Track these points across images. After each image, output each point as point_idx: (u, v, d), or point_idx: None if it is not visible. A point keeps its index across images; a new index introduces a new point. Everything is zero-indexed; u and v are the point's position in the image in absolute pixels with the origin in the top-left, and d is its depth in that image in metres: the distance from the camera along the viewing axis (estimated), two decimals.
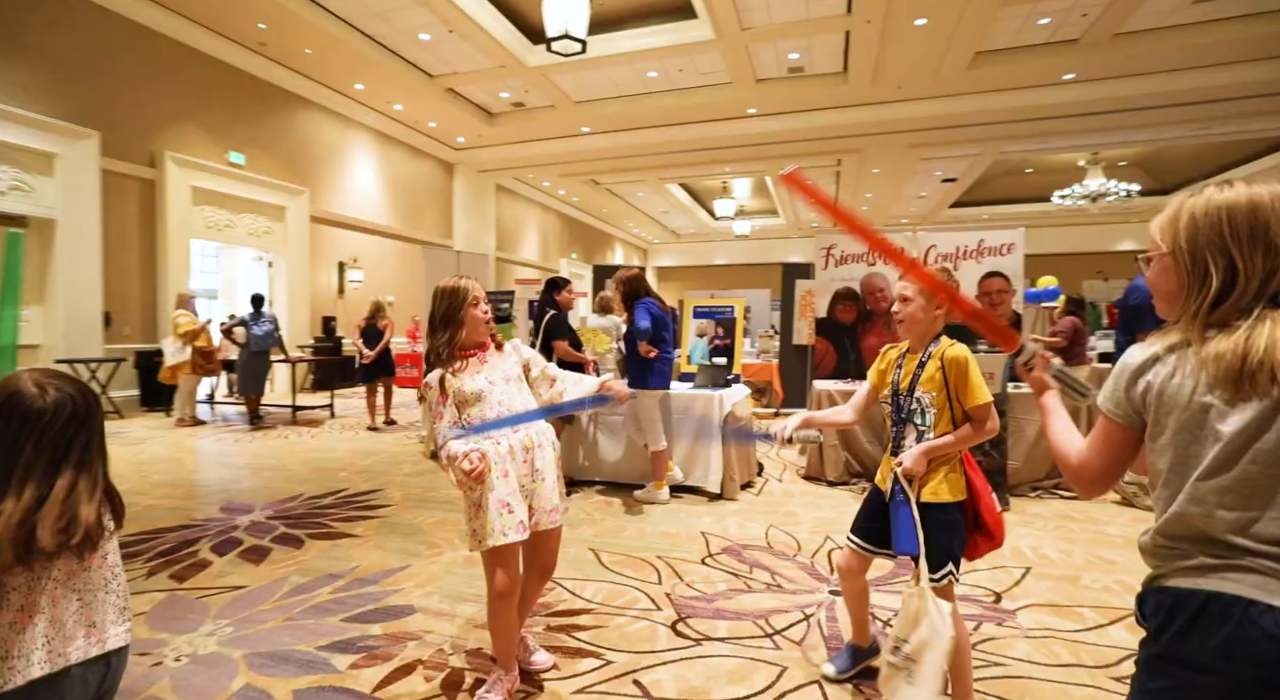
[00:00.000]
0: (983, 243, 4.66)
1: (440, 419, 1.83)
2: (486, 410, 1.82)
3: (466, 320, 1.86)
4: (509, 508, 1.77)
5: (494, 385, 1.85)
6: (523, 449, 1.85)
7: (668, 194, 16.42)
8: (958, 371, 1.73)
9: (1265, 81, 8.61)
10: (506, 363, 1.92)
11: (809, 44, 8.71)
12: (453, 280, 1.91)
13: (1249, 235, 0.88)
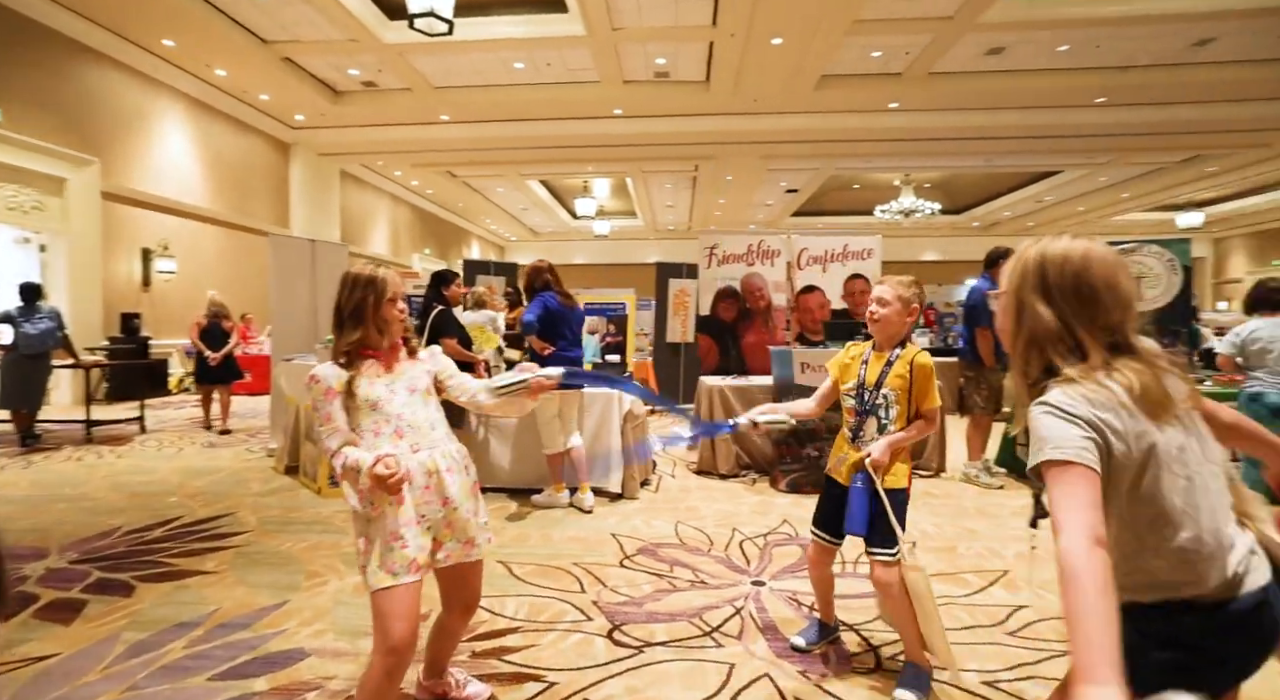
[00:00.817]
0: (847, 247, 5.10)
1: (326, 421, 1.54)
2: (380, 423, 1.57)
3: (383, 318, 1.62)
4: (401, 542, 1.49)
5: (394, 395, 1.60)
6: (425, 473, 1.57)
7: (528, 190, 16.06)
8: (923, 376, 1.90)
9: (1035, 125, 10.40)
10: (414, 371, 1.68)
11: (676, 50, 8.96)
12: (368, 269, 1.65)
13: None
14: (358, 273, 1.65)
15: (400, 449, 1.55)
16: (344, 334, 1.61)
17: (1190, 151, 11.69)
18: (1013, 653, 2.06)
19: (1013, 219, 17.62)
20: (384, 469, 1.41)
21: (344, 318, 1.62)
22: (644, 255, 20.70)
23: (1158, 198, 14.73)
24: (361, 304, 1.61)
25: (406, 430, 1.59)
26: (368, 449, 1.53)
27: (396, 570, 1.47)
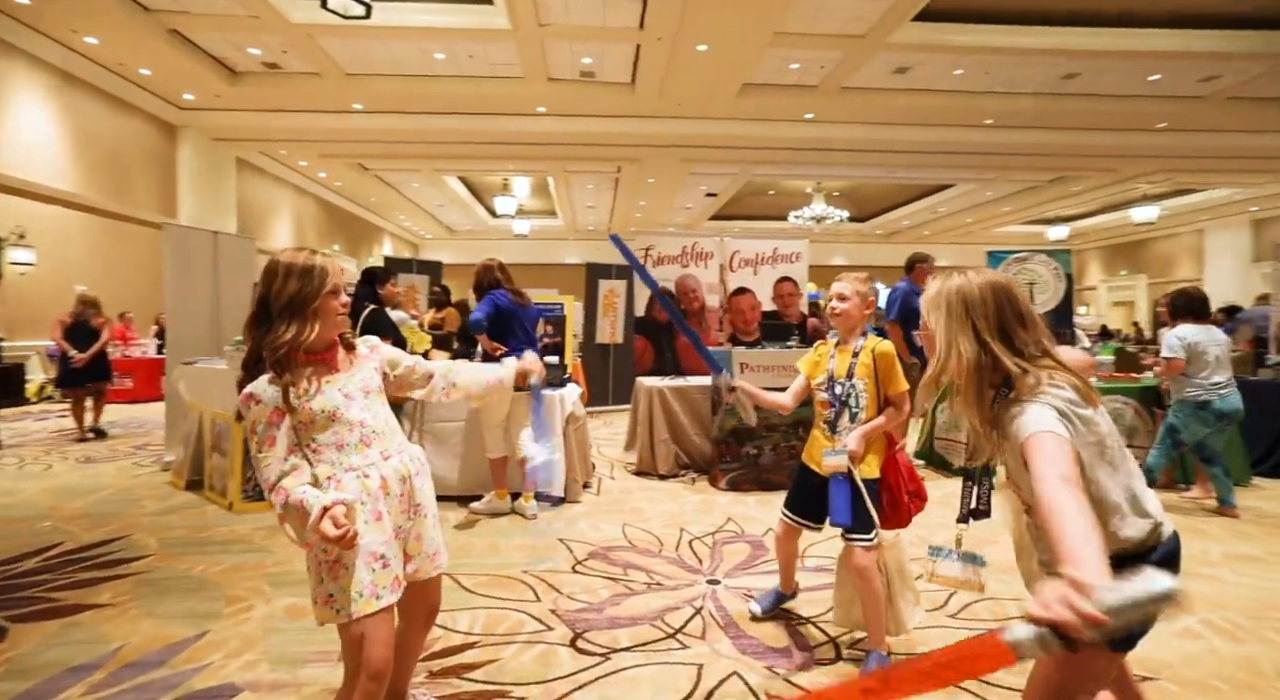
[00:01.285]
0: (777, 251, 5.28)
1: (268, 447, 1.32)
2: (344, 435, 1.39)
3: (322, 313, 1.40)
4: (383, 561, 1.36)
5: (351, 400, 1.42)
6: (399, 480, 1.44)
7: (445, 187, 15.51)
8: (886, 363, 2.03)
9: (933, 141, 11.20)
10: (363, 370, 1.49)
11: (603, 51, 8.93)
12: (302, 255, 1.43)
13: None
14: (291, 260, 1.41)
15: (370, 458, 1.41)
16: (274, 332, 1.36)
17: (1058, 172, 13.01)
18: (957, 634, 2.20)
19: (911, 228, 18.91)
20: (332, 528, 1.21)
21: (274, 313, 1.37)
22: (564, 255, 20.51)
23: (1031, 212, 16.30)
24: (298, 296, 1.38)
25: (373, 437, 1.43)
26: (330, 465, 1.36)
27: (380, 593, 1.34)
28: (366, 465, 1.40)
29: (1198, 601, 2.48)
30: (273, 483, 1.30)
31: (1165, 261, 17.83)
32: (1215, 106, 9.65)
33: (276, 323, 1.37)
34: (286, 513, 1.29)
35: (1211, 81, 8.95)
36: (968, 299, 1.21)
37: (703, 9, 7.37)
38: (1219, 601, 2.49)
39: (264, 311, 1.39)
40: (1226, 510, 3.66)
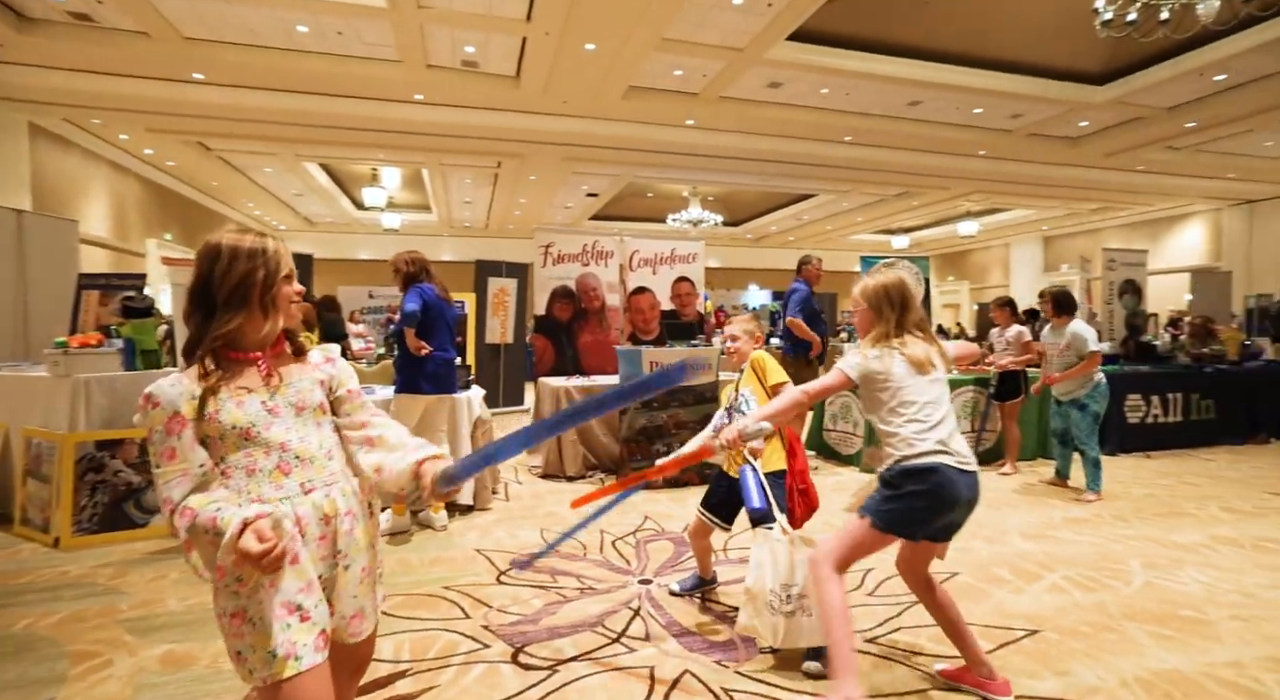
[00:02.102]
0: (674, 251, 5.39)
1: (167, 460, 1.08)
2: (257, 457, 1.14)
3: (276, 303, 1.20)
4: (301, 613, 1.10)
5: (274, 417, 1.16)
6: (319, 520, 1.17)
7: (304, 174, 14.13)
8: (758, 364, 2.39)
9: (800, 153, 12.04)
10: (303, 381, 1.23)
11: (487, 40, 8.61)
12: (249, 236, 1.20)
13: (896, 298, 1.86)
14: (237, 241, 1.18)
15: (286, 490, 1.14)
16: (218, 322, 1.14)
17: (902, 188, 14.53)
18: (879, 611, 2.37)
19: (778, 233, 20.21)
20: (255, 542, 1.00)
21: (218, 300, 1.15)
22: (436, 252, 19.52)
23: (880, 223, 18.10)
24: (247, 280, 1.16)
25: (294, 464, 1.16)
26: (238, 493, 1.11)
27: (300, 652, 1.08)
28: (280, 498, 1.13)
29: (1056, 561, 2.87)
30: (175, 502, 1.06)
31: (981, 270, 20.61)
32: (1020, 140, 11.28)
33: (221, 312, 1.15)
34: (193, 537, 1.05)
35: (1018, 118, 10.45)
36: (890, 290, 1.85)
37: (592, 7, 7.34)
38: (1069, 559, 2.91)
39: (202, 298, 1.16)
40: (1061, 481, 4.29)
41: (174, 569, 2.83)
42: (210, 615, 2.24)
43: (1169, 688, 1.84)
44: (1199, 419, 5.52)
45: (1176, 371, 5.62)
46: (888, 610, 2.37)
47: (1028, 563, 2.85)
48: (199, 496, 1.08)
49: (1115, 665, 1.97)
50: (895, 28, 8.58)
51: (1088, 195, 14.53)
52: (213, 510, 1.05)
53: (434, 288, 3.27)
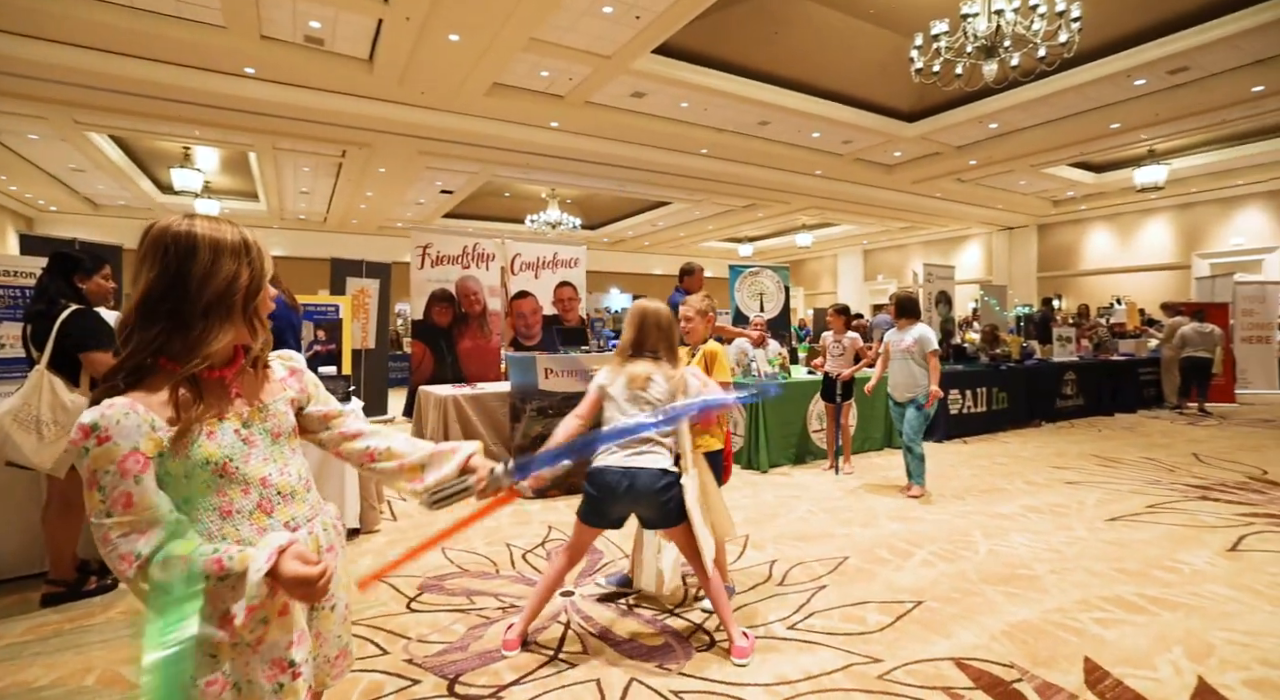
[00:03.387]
0: (557, 255, 5.34)
1: (123, 509, 0.86)
2: (235, 498, 0.96)
3: (259, 310, 1.02)
4: (293, 671, 0.97)
5: (251, 448, 0.99)
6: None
7: (87, 145, 11.86)
8: (710, 358, 2.57)
9: (658, 162, 12.49)
10: (274, 403, 1.06)
11: (336, 17, 7.88)
12: (225, 227, 0.99)
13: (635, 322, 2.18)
14: (215, 232, 0.97)
15: (273, 529, 0.98)
16: (204, 335, 0.94)
17: (749, 200, 15.68)
18: (791, 599, 2.56)
19: (634, 238, 20.75)
20: (300, 565, 0.88)
21: (194, 308, 0.93)
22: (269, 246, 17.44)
23: (728, 231, 19.35)
24: (234, 285, 0.96)
25: (276, 501, 1.00)
26: (208, 538, 0.93)
27: None
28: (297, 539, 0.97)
29: (921, 539, 3.31)
30: (145, 557, 0.85)
31: (814, 278, 22.87)
32: (848, 163, 12.72)
33: (201, 322, 0.94)
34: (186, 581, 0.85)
35: (848, 144, 11.78)
36: (649, 314, 2.15)
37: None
38: (930, 536, 3.36)
39: (164, 303, 0.93)
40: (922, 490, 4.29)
41: None
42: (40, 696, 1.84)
43: (1024, 636, 2.23)
44: (997, 409, 6.65)
45: (981, 370, 6.71)
46: (800, 597, 2.57)
47: (899, 542, 3.25)
48: (180, 543, 0.87)
49: (984, 623, 2.33)
50: (750, 53, 9.25)
51: (899, 215, 16.75)
52: (209, 553, 0.87)
53: (282, 296, 2.93)
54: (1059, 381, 7.27)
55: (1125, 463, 5.01)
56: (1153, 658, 2.07)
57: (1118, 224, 15.64)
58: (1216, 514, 3.63)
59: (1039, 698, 1.85)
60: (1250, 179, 12.96)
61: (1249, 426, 6.66)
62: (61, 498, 2.53)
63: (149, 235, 0.95)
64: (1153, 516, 3.61)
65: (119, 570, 0.87)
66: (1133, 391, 7.99)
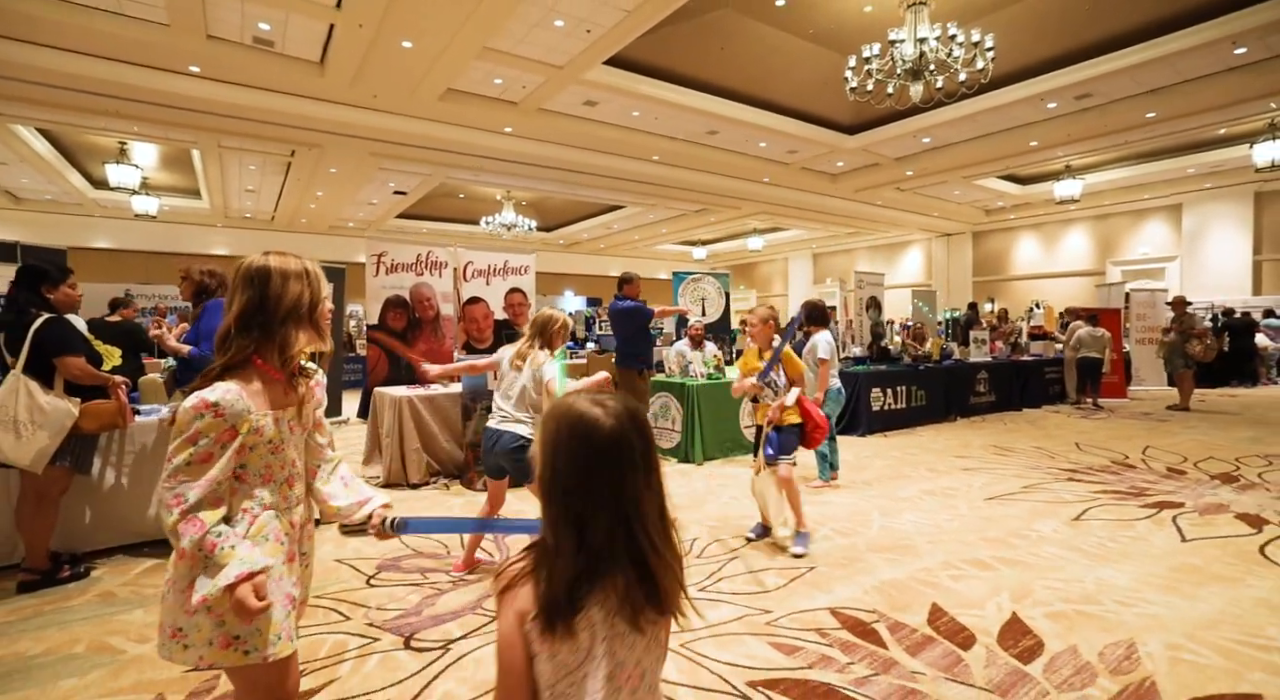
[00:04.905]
0: (507, 263, 5.64)
1: (200, 463, 1.15)
2: (275, 470, 1.29)
3: (320, 320, 1.35)
4: (294, 603, 1.30)
5: (291, 436, 1.33)
6: (302, 525, 1.39)
7: (11, 138, 11.46)
8: (788, 360, 3.32)
9: (611, 167, 12.81)
10: (309, 404, 1.40)
11: (286, 20, 7.95)
12: (290, 259, 1.33)
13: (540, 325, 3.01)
14: (282, 264, 1.31)
15: (291, 499, 1.33)
16: (285, 339, 1.28)
17: (701, 205, 16.17)
18: (705, 568, 2.96)
19: (589, 240, 21.03)
20: (251, 598, 1.12)
21: (277, 319, 1.28)
22: (207, 244, 17.07)
23: (682, 235, 19.84)
24: (301, 301, 1.30)
25: (296, 478, 1.34)
26: (250, 498, 1.25)
27: (294, 635, 1.28)
28: (287, 507, 1.32)
29: (826, 519, 3.77)
30: (188, 507, 1.13)
31: (767, 281, 23.60)
32: (795, 172, 13.33)
33: (283, 330, 1.28)
34: (189, 552, 1.14)
35: (793, 154, 12.38)
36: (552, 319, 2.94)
37: (412, 6, 7.22)
38: (834, 517, 3.83)
39: (256, 318, 1.27)
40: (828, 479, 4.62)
41: None
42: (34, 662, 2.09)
43: (890, 590, 2.69)
44: (916, 405, 7.26)
45: (902, 370, 7.30)
46: (712, 566, 2.98)
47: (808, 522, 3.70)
48: (210, 512, 1.17)
49: (861, 581, 2.78)
50: (699, 66, 9.69)
51: (844, 221, 17.52)
52: (215, 536, 1.15)
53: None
54: (973, 380, 7.96)
55: (1017, 451, 5.65)
56: (985, 601, 2.56)
57: (1042, 233, 16.76)
58: (1074, 492, 4.23)
59: (890, 633, 2.30)
60: (1155, 193, 14.18)
61: (1131, 419, 7.47)
62: (35, 493, 2.73)
63: (240, 270, 1.32)
64: (1025, 495, 4.18)
65: (167, 504, 1.15)
66: (1039, 388, 8.79)
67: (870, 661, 2.11)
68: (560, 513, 0.85)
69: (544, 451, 0.88)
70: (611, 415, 0.87)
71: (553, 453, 0.86)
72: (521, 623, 0.83)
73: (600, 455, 0.84)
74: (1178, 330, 8.13)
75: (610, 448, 0.85)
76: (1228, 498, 4.03)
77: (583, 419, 0.86)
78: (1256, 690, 1.94)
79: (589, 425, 0.85)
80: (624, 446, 0.86)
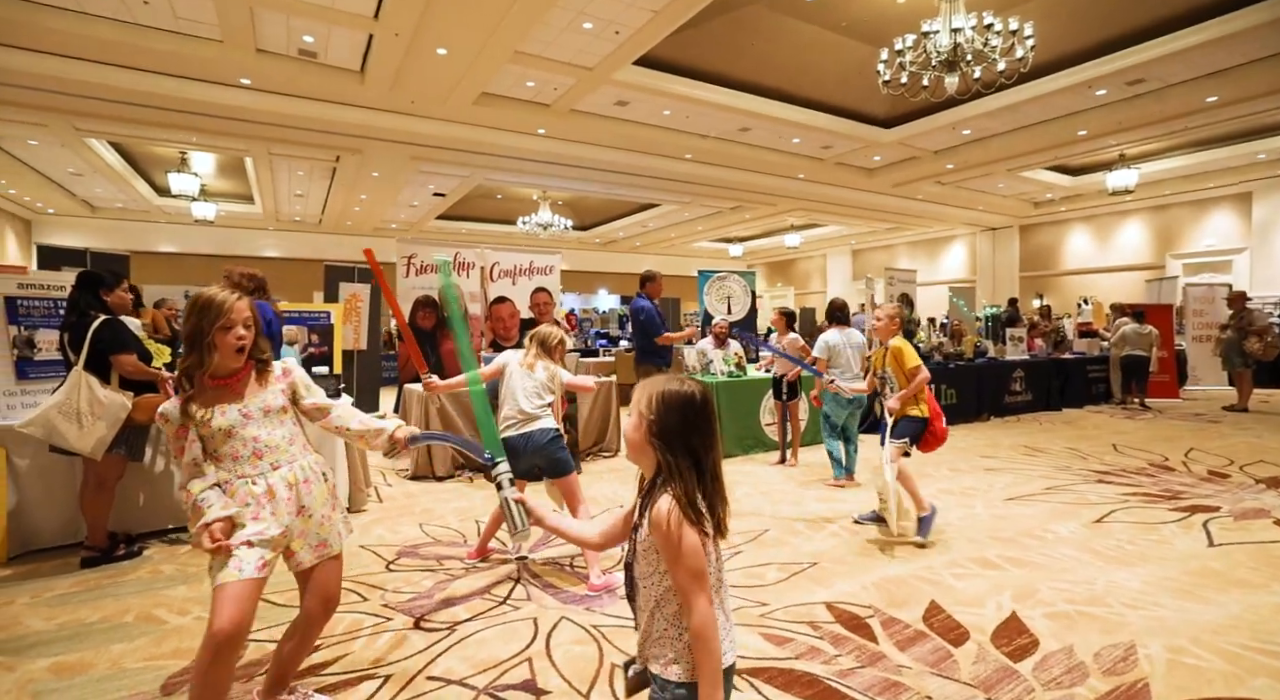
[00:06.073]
0: (533, 263, 5.79)
1: (177, 456, 1.66)
2: (238, 448, 1.65)
3: (216, 346, 1.64)
4: (249, 544, 1.61)
5: (249, 419, 1.67)
6: (285, 486, 1.69)
7: (87, 152, 12.26)
8: (895, 352, 3.44)
9: (645, 166, 12.90)
10: (268, 392, 1.73)
11: (329, 32, 8.31)
12: (210, 290, 1.66)
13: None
14: (197, 296, 1.67)
15: (260, 468, 1.66)
16: (187, 356, 1.65)
17: (736, 202, 16.09)
18: None
19: (625, 238, 21.17)
20: (208, 542, 1.54)
21: (186, 341, 1.65)
22: (259, 247, 17.89)
23: (718, 232, 19.78)
24: (195, 330, 1.63)
25: (265, 451, 1.68)
26: (227, 471, 1.65)
27: (243, 567, 1.57)
28: (256, 474, 1.66)
29: (839, 515, 3.79)
30: (181, 484, 1.66)
31: (805, 277, 23.31)
32: (830, 167, 13.13)
33: (188, 350, 1.65)
34: (191, 510, 1.60)
35: (828, 149, 12.20)
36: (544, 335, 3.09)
37: (445, 14, 7.45)
38: (848, 514, 3.84)
39: (191, 340, 1.64)
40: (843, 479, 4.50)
41: (22, 594, 2.73)
42: (92, 628, 2.32)
43: (890, 587, 2.71)
44: (945, 404, 7.11)
45: (931, 367, 7.14)
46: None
47: (819, 519, 3.73)
48: (197, 482, 1.62)
49: (861, 578, 2.81)
50: (729, 63, 9.67)
51: (883, 217, 17.15)
52: (199, 498, 1.61)
53: (271, 306, 3.41)
54: (1008, 378, 7.75)
55: (1048, 452, 5.50)
56: (985, 600, 2.55)
57: (1095, 225, 16.06)
58: (1101, 494, 4.11)
59: (882, 628, 2.34)
60: (1220, 182, 13.40)
61: (1180, 420, 7.14)
62: (96, 478, 3.02)
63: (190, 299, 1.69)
64: (1047, 496, 4.09)
65: (182, 500, 1.67)
66: (1081, 388, 8.48)
67: (858, 655, 2.15)
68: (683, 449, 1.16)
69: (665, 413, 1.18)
70: (697, 387, 1.21)
71: (665, 411, 1.18)
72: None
73: (699, 412, 1.18)
74: (1235, 327, 7.73)
75: (704, 406, 1.19)
76: (1271, 502, 3.86)
77: (680, 390, 1.18)
78: (1256, 696, 1.90)
79: (687, 394, 1.18)
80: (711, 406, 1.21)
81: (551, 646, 2.22)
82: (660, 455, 1.18)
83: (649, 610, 1.17)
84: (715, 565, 1.20)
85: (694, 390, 1.20)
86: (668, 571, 1.13)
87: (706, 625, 1.09)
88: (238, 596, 1.54)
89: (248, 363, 1.70)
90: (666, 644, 1.15)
